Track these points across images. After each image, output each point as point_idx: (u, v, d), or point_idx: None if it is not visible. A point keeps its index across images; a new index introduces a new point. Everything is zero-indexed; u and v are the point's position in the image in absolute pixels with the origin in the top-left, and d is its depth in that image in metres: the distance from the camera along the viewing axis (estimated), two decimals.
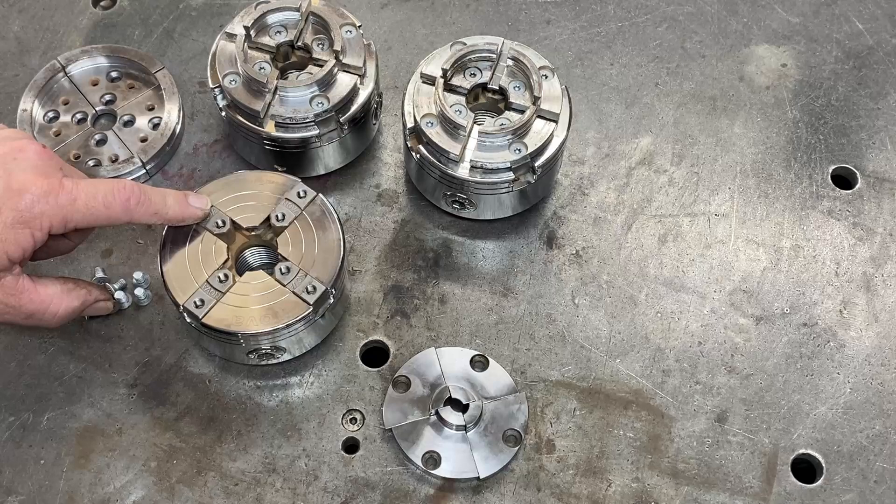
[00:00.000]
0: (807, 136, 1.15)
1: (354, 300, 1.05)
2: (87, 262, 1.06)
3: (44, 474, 0.96)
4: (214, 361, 1.01)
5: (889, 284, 1.07)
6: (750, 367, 1.02)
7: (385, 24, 1.22)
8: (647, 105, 1.17)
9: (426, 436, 0.96)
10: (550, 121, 1.00)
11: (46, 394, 0.99)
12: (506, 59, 1.02)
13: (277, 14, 1.05)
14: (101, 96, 1.14)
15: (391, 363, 1.01)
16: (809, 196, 1.12)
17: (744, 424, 0.99)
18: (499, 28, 1.22)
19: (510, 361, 1.02)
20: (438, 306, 1.05)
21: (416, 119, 1.00)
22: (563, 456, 0.97)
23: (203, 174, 1.12)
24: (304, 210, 0.97)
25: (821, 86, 1.19)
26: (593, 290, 1.06)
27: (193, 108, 1.16)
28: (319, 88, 1.01)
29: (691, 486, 0.96)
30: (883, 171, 1.13)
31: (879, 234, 1.09)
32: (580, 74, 1.19)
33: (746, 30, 1.22)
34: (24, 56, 1.19)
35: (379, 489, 0.95)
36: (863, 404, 1.00)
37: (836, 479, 0.97)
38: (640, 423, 0.99)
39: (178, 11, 1.22)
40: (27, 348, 1.02)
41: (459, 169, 1.00)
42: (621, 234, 1.09)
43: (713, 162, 1.14)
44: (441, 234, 1.09)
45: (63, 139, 1.11)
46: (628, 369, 1.02)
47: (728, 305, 1.05)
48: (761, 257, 1.08)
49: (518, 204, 1.07)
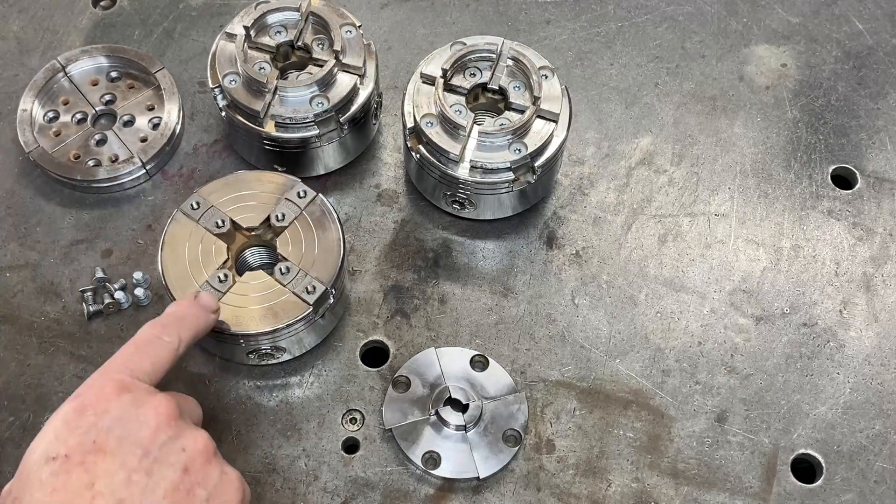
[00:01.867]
0: (807, 136, 1.15)
1: (354, 300, 1.05)
2: (87, 262, 1.06)
3: None
4: (214, 361, 1.01)
5: (889, 284, 1.07)
6: (750, 367, 1.02)
7: (385, 24, 1.22)
8: (647, 105, 1.17)
9: (426, 436, 0.96)
10: (550, 121, 1.00)
11: (46, 394, 0.99)
12: (506, 59, 1.02)
13: (277, 14, 1.05)
14: (101, 96, 1.14)
15: (391, 363, 1.01)
16: (809, 196, 1.12)
17: (744, 424, 0.99)
18: (499, 28, 1.22)
19: (510, 361, 1.02)
20: (438, 306, 1.05)
21: (416, 119, 1.00)
22: (563, 456, 0.97)
23: (203, 174, 1.12)
24: (304, 210, 0.97)
25: (821, 86, 1.19)
26: (593, 290, 1.06)
27: (193, 108, 1.16)
28: (319, 88, 1.01)
29: (691, 486, 0.96)
30: (883, 171, 1.13)
31: (879, 234, 1.09)
32: (580, 74, 1.19)
33: (746, 30, 1.22)
34: (24, 56, 1.19)
35: (379, 489, 0.95)
36: (863, 404, 1.00)
37: (836, 479, 0.97)
38: (640, 423, 0.99)
39: (178, 11, 1.22)
40: (27, 348, 1.02)
41: (459, 169, 1.00)
42: (621, 234, 1.09)
43: (713, 162, 1.14)
44: (441, 234, 1.09)
45: (63, 139, 1.11)
46: (628, 369, 1.02)
47: (728, 305, 1.05)
48: (761, 257, 1.08)
49: (518, 204, 1.07)
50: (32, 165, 1.10)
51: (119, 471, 0.70)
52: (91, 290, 1.03)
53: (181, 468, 0.73)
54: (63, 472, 0.70)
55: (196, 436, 0.76)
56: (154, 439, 0.73)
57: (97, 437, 0.71)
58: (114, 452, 0.71)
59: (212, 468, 0.75)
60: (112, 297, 1.02)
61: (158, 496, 0.71)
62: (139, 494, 0.70)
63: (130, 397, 0.75)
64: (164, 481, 0.72)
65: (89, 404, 0.74)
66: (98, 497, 0.69)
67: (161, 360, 0.80)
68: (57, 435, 0.72)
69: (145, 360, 0.79)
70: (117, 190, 1.10)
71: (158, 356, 0.80)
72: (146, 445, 0.72)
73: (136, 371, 0.78)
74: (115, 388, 0.75)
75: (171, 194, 1.10)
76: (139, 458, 0.72)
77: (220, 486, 0.75)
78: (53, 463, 0.70)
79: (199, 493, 0.73)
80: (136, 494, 0.70)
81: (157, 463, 0.72)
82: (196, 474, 0.74)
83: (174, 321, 0.83)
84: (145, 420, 0.74)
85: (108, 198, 1.10)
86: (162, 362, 0.80)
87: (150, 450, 0.72)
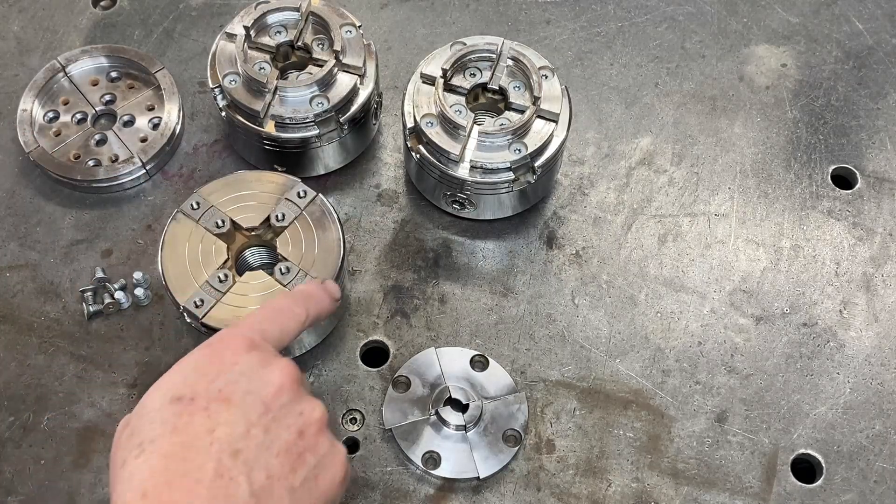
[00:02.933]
0: (807, 136, 1.15)
1: (354, 300, 1.05)
2: (87, 262, 1.06)
3: (44, 474, 0.96)
4: None
5: (889, 284, 1.07)
6: (750, 367, 1.02)
7: (385, 24, 1.22)
8: (647, 105, 1.17)
9: (426, 436, 0.96)
10: (550, 121, 1.00)
11: (46, 394, 0.99)
12: (506, 59, 1.02)
13: (277, 14, 1.05)
14: (101, 96, 1.14)
15: (391, 363, 1.01)
16: (809, 196, 1.12)
17: (744, 424, 0.99)
18: (499, 28, 1.22)
19: (510, 361, 1.02)
20: (438, 306, 1.05)
21: (416, 119, 1.00)
22: (563, 456, 0.97)
23: (203, 174, 1.12)
24: (304, 210, 0.97)
25: (821, 86, 1.19)
26: (593, 290, 1.06)
27: (193, 108, 1.16)
28: (319, 88, 1.01)
29: (691, 486, 0.96)
30: (883, 171, 1.13)
31: (879, 234, 1.09)
32: (580, 74, 1.19)
33: (746, 30, 1.22)
34: (24, 56, 1.19)
35: (379, 489, 0.95)
36: (863, 404, 1.00)
37: (836, 479, 0.97)
38: (640, 423, 0.99)
39: (178, 11, 1.22)
40: (27, 348, 1.02)
41: (459, 169, 1.00)
42: (621, 234, 1.09)
43: (713, 162, 1.14)
44: (441, 234, 1.09)
45: (63, 139, 1.11)
46: (628, 369, 1.02)
47: (728, 305, 1.05)
48: (761, 257, 1.08)
49: (518, 204, 1.07)
50: (32, 165, 1.10)
51: (240, 422, 0.72)
52: (91, 290, 1.03)
53: (296, 431, 0.74)
54: (187, 413, 0.71)
55: (314, 404, 0.78)
56: (276, 398, 0.74)
57: (224, 387, 0.73)
58: (238, 404, 0.72)
59: (323, 438, 0.77)
60: (112, 297, 1.02)
61: (272, 453, 0.72)
62: (254, 448, 0.71)
63: (259, 355, 0.76)
64: (278, 440, 0.73)
65: (220, 355, 0.75)
66: (216, 443, 0.70)
67: (288, 329, 0.82)
68: (185, 378, 0.73)
69: (275, 325, 0.81)
70: (117, 190, 1.10)
71: (287, 325, 0.82)
72: (268, 403, 0.74)
73: (265, 333, 0.80)
74: (246, 344, 0.77)
75: (171, 194, 1.10)
76: (260, 414, 0.73)
77: (328, 457, 0.77)
78: (178, 403, 0.71)
79: (309, 460, 0.75)
80: (251, 448, 0.71)
81: (276, 422, 0.73)
82: (309, 440, 0.75)
83: (304, 297, 0.86)
84: (270, 379, 0.75)
85: (108, 198, 1.10)
86: (289, 331, 0.82)
87: (271, 407, 0.74)
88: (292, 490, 0.72)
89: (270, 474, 0.71)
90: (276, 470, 0.72)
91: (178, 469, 0.68)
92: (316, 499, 0.75)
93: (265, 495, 0.70)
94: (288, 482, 0.72)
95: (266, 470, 0.71)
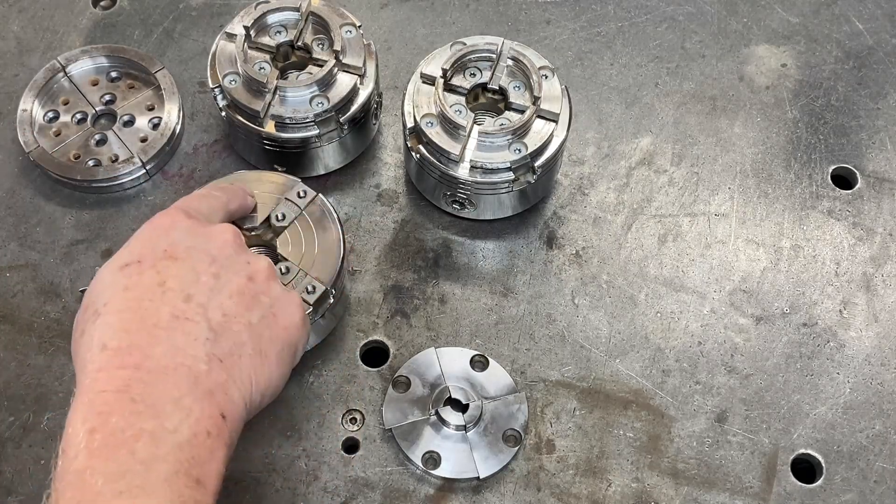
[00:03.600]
0: (807, 136, 1.15)
1: (354, 300, 1.05)
2: (87, 262, 1.06)
3: (44, 474, 0.96)
4: None
5: (889, 284, 1.07)
6: (750, 367, 1.02)
7: (385, 24, 1.22)
8: (647, 105, 1.17)
9: (426, 436, 0.96)
10: (550, 121, 1.00)
11: (46, 394, 0.99)
12: (506, 59, 1.02)
13: (277, 14, 1.05)
14: (101, 96, 1.14)
15: (391, 363, 1.01)
16: (809, 196, 1.12)
17: (744, 424, 0.99)
18: (499, 28, 1.22)
19: (510, 361, 1.02)
20: (438, 306, 1.05)
21: (416, 119, 1.00)
22: (563, 456, 0.97)
23: (203, 174, 1.12)
24: (304, 210, 0.97)
25: (821, 86, 1.19)
26: (593, 290, 1.06)
27: (193, 108, 1.16)
28: (319, 88, 1.01)
29: (691, 486, 0.96)
30: (883, 171, 1.13)
31: (879, 234, 1.09)
32: (580, 74, 1.19)
33: (746, 30, 1.22)
34: (24, 56, 1.19)
35: (379, 489, 0.95)
36: (863, 404, 1.00)
37: (836, 479, 0.97)
38: (640, 423, 0.99)
39: (178, 11, 1.22)
40: (27, 348, 1.02)
41: (459, 169, 1.00)
42: (621, 234, 1.09)
43: (713, 162, 1.14)
44: (441, 234, 1.09)
45: (63, 139, 1.11)
46: (628, 369, 1.02)
47: (728, 305, 1.05)
48: (761, 257, 1.08)
49: (518, 204, 1.07)
50: (32, 165, 1.10)
51: (189, 272, 0.75)
52: None
53: (246, 276, 0.78)
54: (136, 273, 0.74)
55: (259, 257, 0.81)
56: (221, 250, 0.79)
57: (168, 247, 0.77)
58: (184, 258, 0.76)
59: (274, 283, 0.81)
60: None
61: (225, 295, 0.76)
62: (207, 292, 0.75)
63: (196, 222, 0.80)
64: (230, 284, 0.77)
65: (158, 225, 0.79)
66: (168, 292, 0.73)
67: (215, 207, 0.86)
68: (131, 250, 0.77)
69: (202, 203, 0.85)
70: (117, 190, 1.10)
71: (212, 204, 0.86)
72: (214, 255, 0.78)
73: (194, 209, 0.83)
74: (182, 214, 0.81)
75: (171, 194, 1.10)
76: (207, 264, 0.77)
77: (282, 299, 0.80)
78: (127, 268, 0.75)
79: (263, 300, 0.78)
80: (203, 292, 0.74)
81: (224, 269, 0.77)
82: (260, 284, 0.79)
83: (219, 188, 0.91)
84: (212, 236, 0.80)
85: (108, 198, 1.10)
86: (215, 209, 0.86)
87: (217, 258, 0.78)
88: (250, 326, 0.75)
89: (226, 312, 0.74)
90: (232, 309, 0.75)
91: (133, 318, 0.71)
92: (277, 335, 0.78)
93: (224, 332, 0.73)
94: (245, 319, 0.75)
95: (221, 309, 0.74)
